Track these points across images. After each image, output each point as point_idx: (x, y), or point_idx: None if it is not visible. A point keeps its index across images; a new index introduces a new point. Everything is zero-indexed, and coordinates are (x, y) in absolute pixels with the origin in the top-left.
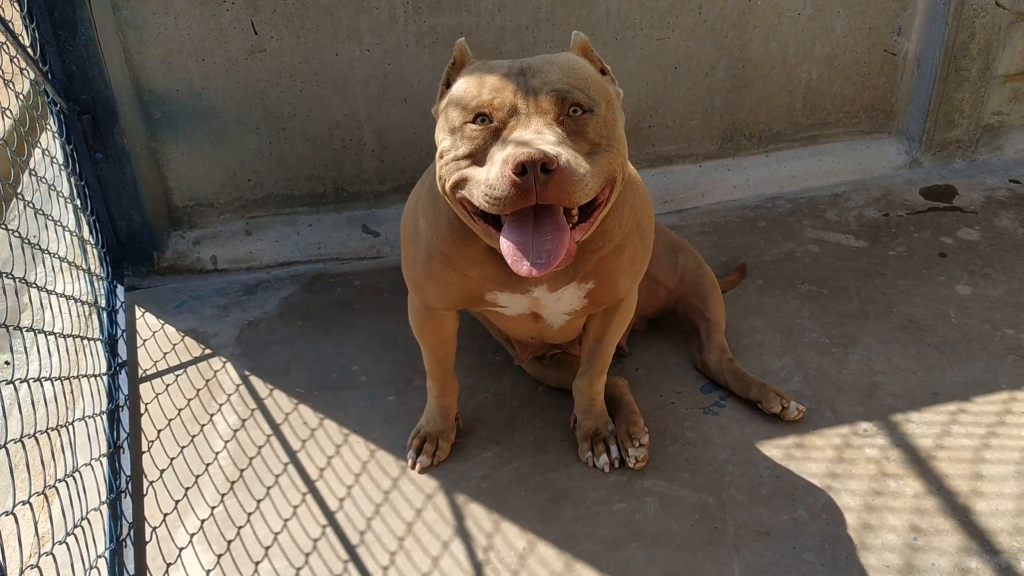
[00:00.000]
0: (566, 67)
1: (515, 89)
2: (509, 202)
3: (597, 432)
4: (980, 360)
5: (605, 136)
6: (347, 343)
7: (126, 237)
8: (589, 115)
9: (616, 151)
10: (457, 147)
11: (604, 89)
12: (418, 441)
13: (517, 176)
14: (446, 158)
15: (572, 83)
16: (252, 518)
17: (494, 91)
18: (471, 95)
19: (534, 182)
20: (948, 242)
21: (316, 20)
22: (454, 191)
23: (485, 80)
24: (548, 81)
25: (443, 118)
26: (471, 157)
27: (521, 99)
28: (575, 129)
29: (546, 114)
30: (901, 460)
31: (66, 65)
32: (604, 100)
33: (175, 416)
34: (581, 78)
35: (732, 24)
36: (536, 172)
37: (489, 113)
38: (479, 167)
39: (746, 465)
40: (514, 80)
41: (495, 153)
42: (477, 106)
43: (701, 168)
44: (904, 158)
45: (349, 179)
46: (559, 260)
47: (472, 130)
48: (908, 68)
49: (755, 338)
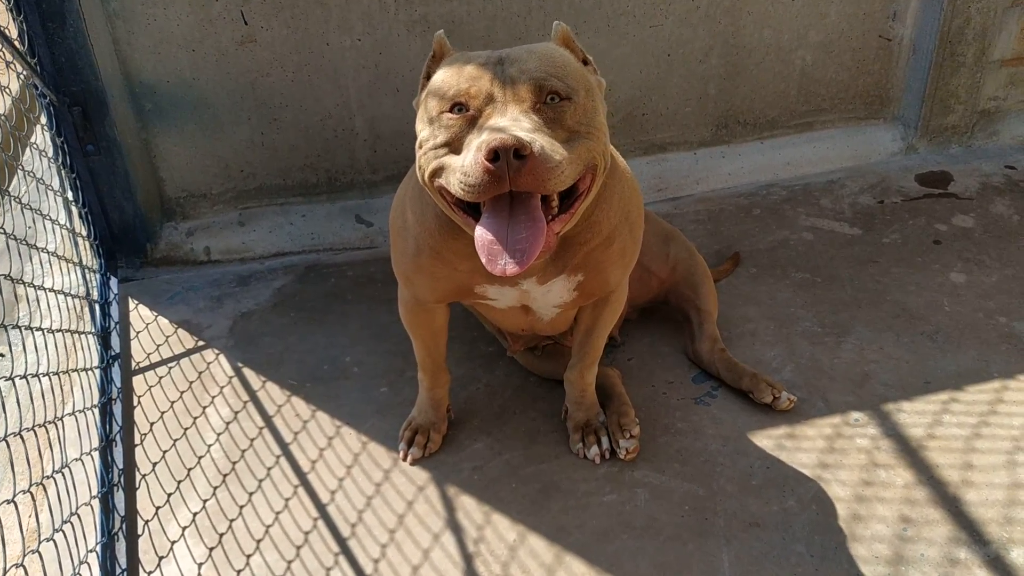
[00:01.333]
0: (544, 56)
1: (492, 78)
2: (483, 189)
3: (588, 423)
4: (973, 349)
5: (584, 123)
6: (340, 334)
7: (119, 229)
8: (567, 103)
9: (596, 138)
10: (435, 136)
11: (584, 78)
12: (409, 433)
13: (490, 162)
14: (424, 147)
15: (549, 71)
16: (244, 511)
17: (471, 80)
18: (448, 84)
19: (507, 168)
20: (943, 229)
21: (306, 9)
22: (432, 180)
23: (462, 70)
24: (525, 70)
25: (422, 108)
26: (448, 146)
27: (498, 87)
28: (552, 117)
29: (523, 102)
30: (892, 450)
31: (55, 57)
32: (583, 88)
33: (168, 409)
34: (559, 66)
35: (725, 11)
36: (508, 158)
37: (465, 102)
38: (456, 155)
39: (737, 456)
40: (491, 69)
41: (471, 141)
42: (454, 95)
43: (695, 155)
44: (899, 144)
45: (342, 169)
46: (534, 256)
47: (449, 119)
48: (903, 54)
49: (748, 327)
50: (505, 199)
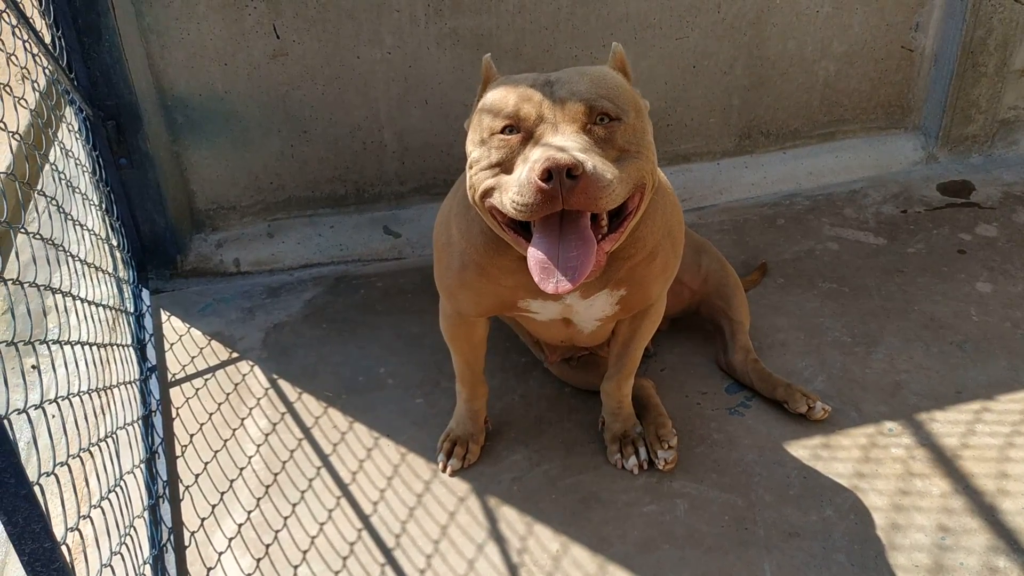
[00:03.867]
0: (594, 77)
1: (542, 99)
2: (536, 208)
3: (626, 434)
4: (1002, 358)
5: (634, 143)
6: (372, 345)
7: (150, 241)
8: (617, 123)
9: (645, 158)
10: (487, 156)
11: (634, 99)
12: (448, 444)
13: (544, 182)
14: (476, 167)
15: (600, 92)
16: (288, 522)
17: (521, 101)
18: (499, 105)
19: (560, 188)
20: (967, 239)
21: (337, 23)
22: (484, 199)
23: (513, 91)
24: (576, 91)
25: (473, 129)
26: (500, 166)
27: (548, 108)
28: (603, 137)
29: (573, 123)
30: (927, 459)
31: (91, 71)
32: (633, 109)
33: (207, 420)
34: (610, 88)
35: (750, 23)
36: (562, 178)
37: (516, 123)
38: (507, 175)
39: (773, 466)
40: (540, 90)
41: (523, 161)
42: (505, 116)
43: (719, 166)
44: (921, 153)
45: (370, 181)
46: (585, 274)
47: (500, 140)
48: (925, 64)
49: (778, 337)
50: (556, 218)
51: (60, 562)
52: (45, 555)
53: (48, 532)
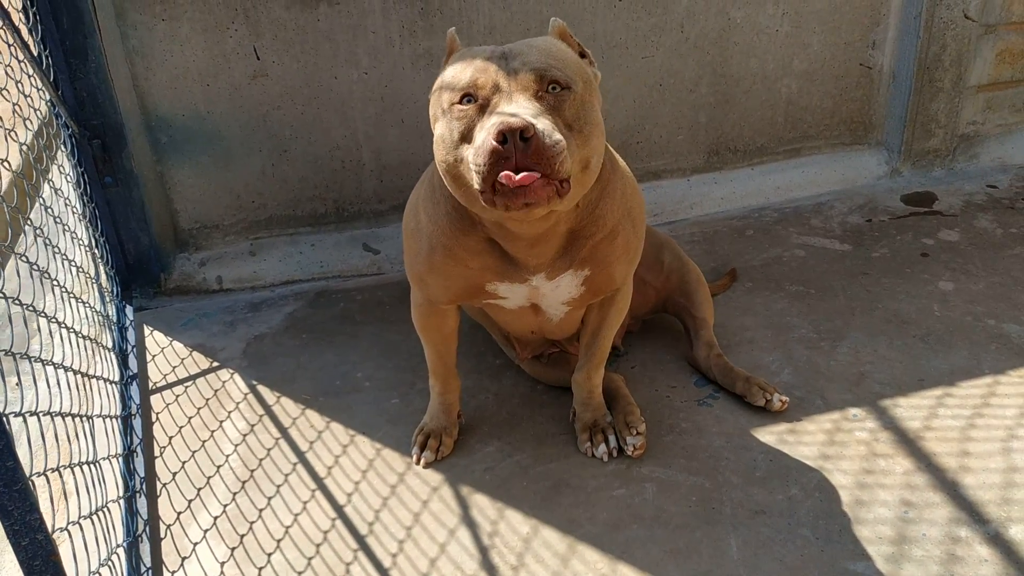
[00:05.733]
0: (544, 49)
1: (496, 70)
2: (491, 169)
3: (596, 423)
4: (964, 349)
5: (581, 117)
6: (350, 352)
7: (134, 259)
8: (567, 92)
9: (592, 134)
10: (450, 132)
11: (582, 69)
12: (422, 437)
13: (499, 144)
14: (441, 146)
15: (550, 62)
16: (263, 514)
17: (477, 72)
18: (458, 78)
19: (514, 150)
20: (929, 243)
21: (316, 45)
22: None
23: (470, 64)
24: (528, 61)
25: (434, 101)
26: (464, 138)
27: (503, 78)
28: (553, 105)
29: (526, 90)
30: (890, 441)
31: (77, 91)
32: (581, 79)
33: (185, 424)
34: (559, 58)
35: (713, 42)
36: (515, 140)
37: (474, 92)
38: (469, 145)
39: (741, 450)
40: (496, 62)
41: (480, 129)
42: (463, 87)
43: (689, 182)
44: (884, 168)
45: (349, 199)
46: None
47: (459, 110)
48: (884, 81)
49: (746, 335)
50: None
51: (54, 552)
52: (40, 547)
53: (43, 524)
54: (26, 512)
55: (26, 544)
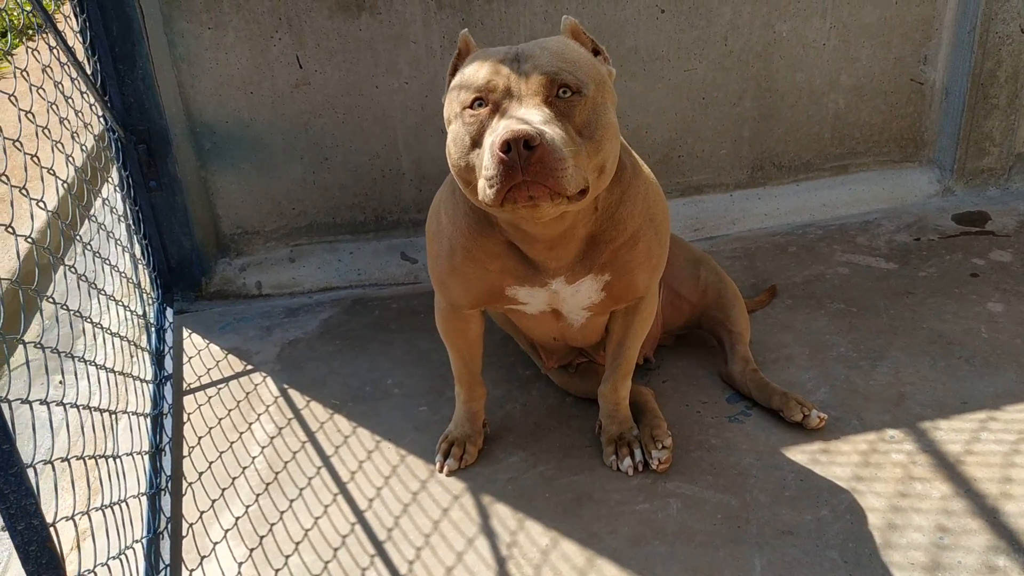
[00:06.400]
0: (555, 51)
1: (508, 73)
2: (499, 179)
3: (621, 436)
4: (1011, 372)
5: (593, 121)
6: (382, 359)
7: (176, 263)
8: (578, 96)
9: (604, 138)
10: (461, 136)
11: (595, 70)
12: (446, 445)
13: (504, 154)
14: (454, 149)
15: (561, 65)
16: (284, 516)
17: (489, 75)
18: (469, 82)
19: (518, 159)
20: (980, 263)
21: (357, 54)
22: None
23: (481, 67)
24: (538, 64)
25: (448, 105)
26: (475, 143)
27: (514, 82)
28: (564, 111)
29: (536, 96)
30: (928, 464)
31: (124, 97)
32: (594, 82)
33: (215, 425)
34: (570, 61)
35: (758, 55)
36: (519, 148)
37: (484, 97)
38: (479, 149)
39: (770, 469)
40: (508, 65)
41: (490, 132)
42: (475, 89)
43: (732, 197)
44: (936, 187)
45: (388, 208)
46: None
47: (471, 114)
48: (936, 97)
49: (783, 352)
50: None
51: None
52: (36, 532)
53: (39, 510)
54: (22, 497)
55: (22, 529)
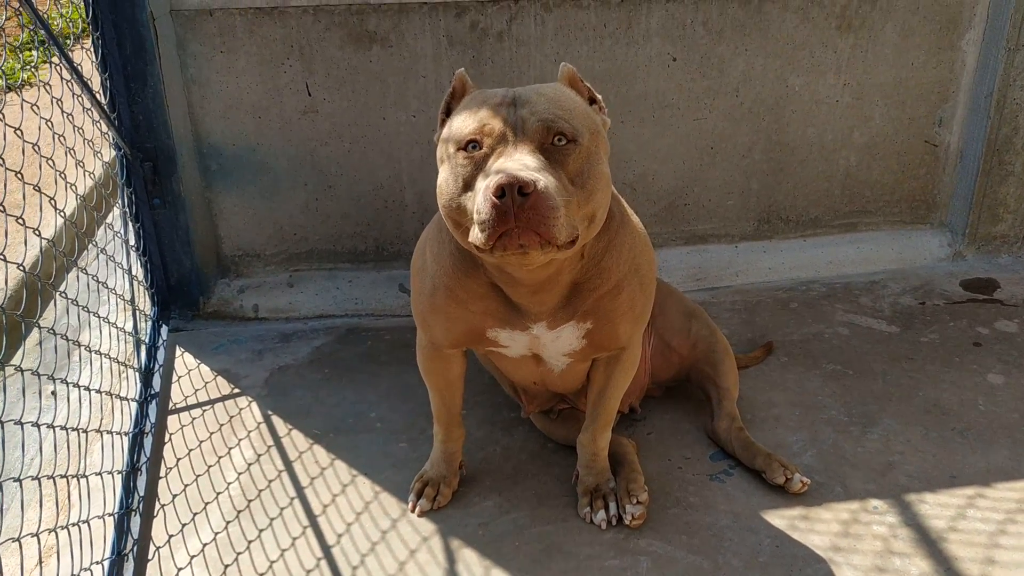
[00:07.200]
0: (552, 98)
1: (504, 118)
2: (491, 224)
3: (598, 488)
4: (1005, 448)
5: (586, 170)
6: (369, 391)
7: (175, 281)
8: (572, 145)
9: (595, 188)
10: (454, 178)
11: (590, 119)
12: (420, 485)
13: (497, 199)
14: (445, 190)
15: (557, 113)
16: (252, 545)
17: (484, 120)
18: (464, 125)
19: (512, 204)
20: (984, 332)
21: (367, 85)
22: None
23: (478, 112)
24: (535, 111)
25: (441, 146)
26: (467, 186)
27: (509, 128)
28: (558, 159)
29: (531, 142)
30: (910, 539)
31: (134, 115)
32: (588, 131)
33: (195, 447)
34: (566, 108)
35: (769, 108)
36: (513, 194)
37: (480, 140)
38: (470, 193)
39: (746, 532)
40: (504, 110)
41: (482, 179)
42: (469, 134)
43: (736, 249)
44: (947, 250)
45: (390, 239)
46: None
47: (464, 157)
48: (950, 160)
49: (772, 412)
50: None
51: None
52: None
53: None
54: None
55: None
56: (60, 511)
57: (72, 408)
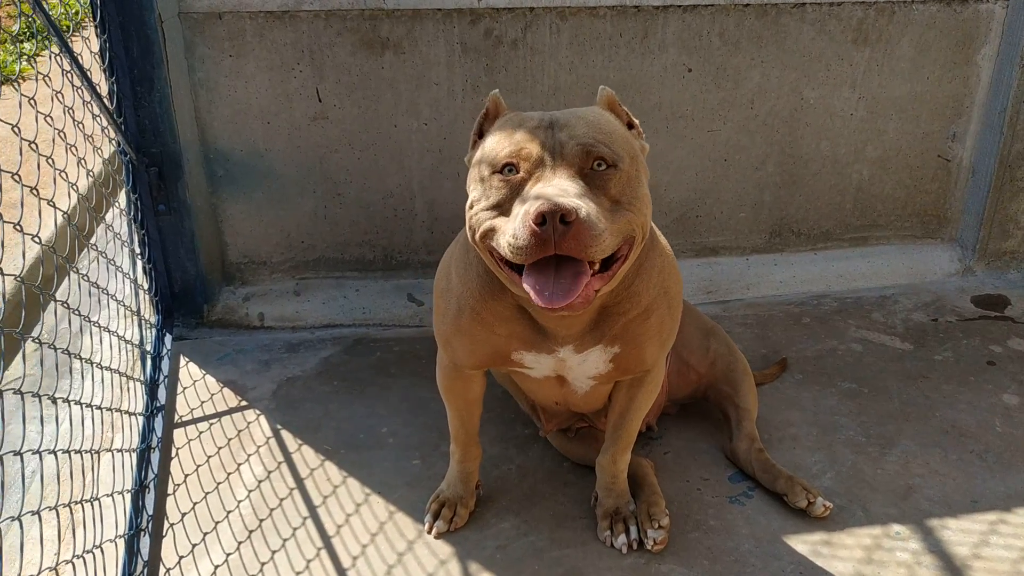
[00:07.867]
0: (592, 122)
1: (542, 142)
2: (529, 251)
3: (618, 511)
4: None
5: (627, 193)
6: (379, 405)
7: (180, 288)
8: (613, 170)
9: (637, 210)
10: (486, 197)
11: (629, 144)
12: (436, 505)
13: (537, 226)
14: (476, 208)
15: (597, 137)
16: (264, 568)
17: (522, 143)
18: (500, 147)
19: (553, 232)
20: (997, 351)
21: (378, 92)
22: (484, 241)
23: (514, 134)
24: (574, 135)
25: (474, 168)
26: (499, 207)
27: (547, 152)
28: (598, 184)
29: (570, 167)
30: (934, 566)
31: (140, 119)
32: (628, 155)
33: (204, 463)
34: (606, 132)
35: (783, 120)
36: (555, 223)
37: (516, 164)
38: (505, 217)
39: (769, 558)
40: (542, 133)
41: (519, 204)
42: (506, 157)
43: (748, 261)
44: (957, 265)
45: (398, 248)
46: (577, 292)
47: (500, 180)
48: (962, 175)
49: (789, 431)
50: (551, 259)
51: None
52: None
53: None
54: None
55: None
56: (72, 525)
57: (75, 421)
